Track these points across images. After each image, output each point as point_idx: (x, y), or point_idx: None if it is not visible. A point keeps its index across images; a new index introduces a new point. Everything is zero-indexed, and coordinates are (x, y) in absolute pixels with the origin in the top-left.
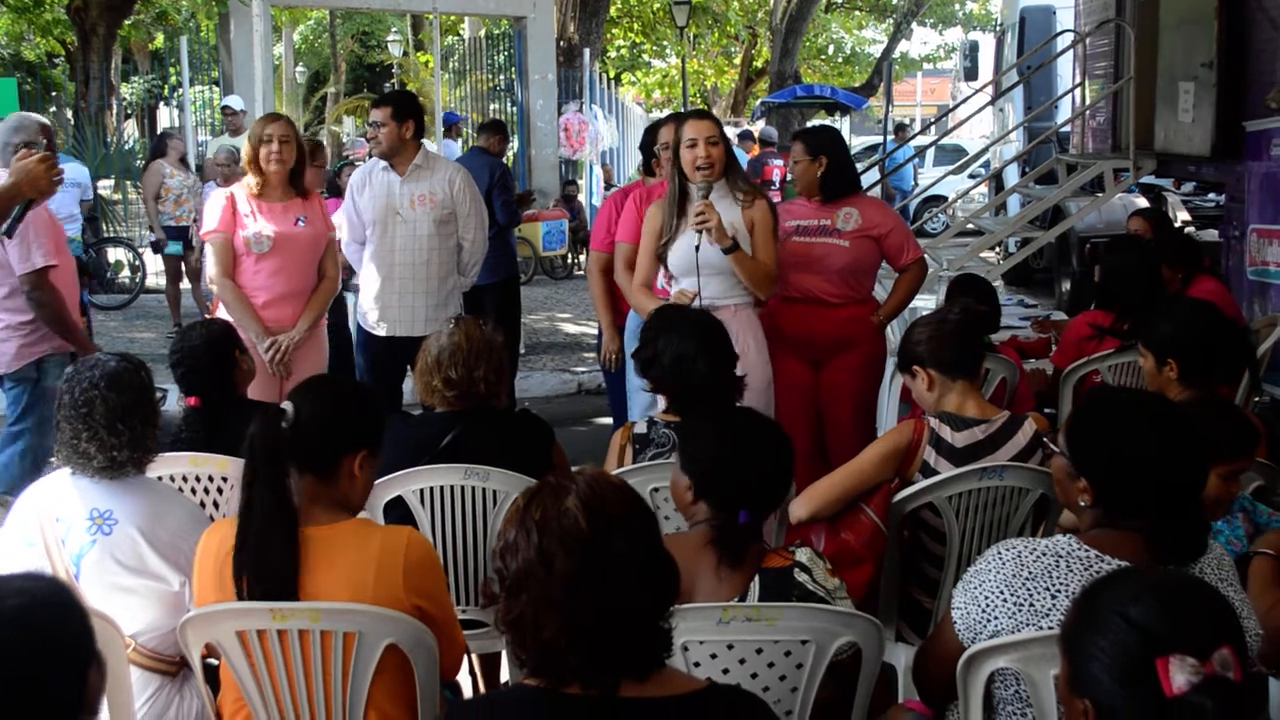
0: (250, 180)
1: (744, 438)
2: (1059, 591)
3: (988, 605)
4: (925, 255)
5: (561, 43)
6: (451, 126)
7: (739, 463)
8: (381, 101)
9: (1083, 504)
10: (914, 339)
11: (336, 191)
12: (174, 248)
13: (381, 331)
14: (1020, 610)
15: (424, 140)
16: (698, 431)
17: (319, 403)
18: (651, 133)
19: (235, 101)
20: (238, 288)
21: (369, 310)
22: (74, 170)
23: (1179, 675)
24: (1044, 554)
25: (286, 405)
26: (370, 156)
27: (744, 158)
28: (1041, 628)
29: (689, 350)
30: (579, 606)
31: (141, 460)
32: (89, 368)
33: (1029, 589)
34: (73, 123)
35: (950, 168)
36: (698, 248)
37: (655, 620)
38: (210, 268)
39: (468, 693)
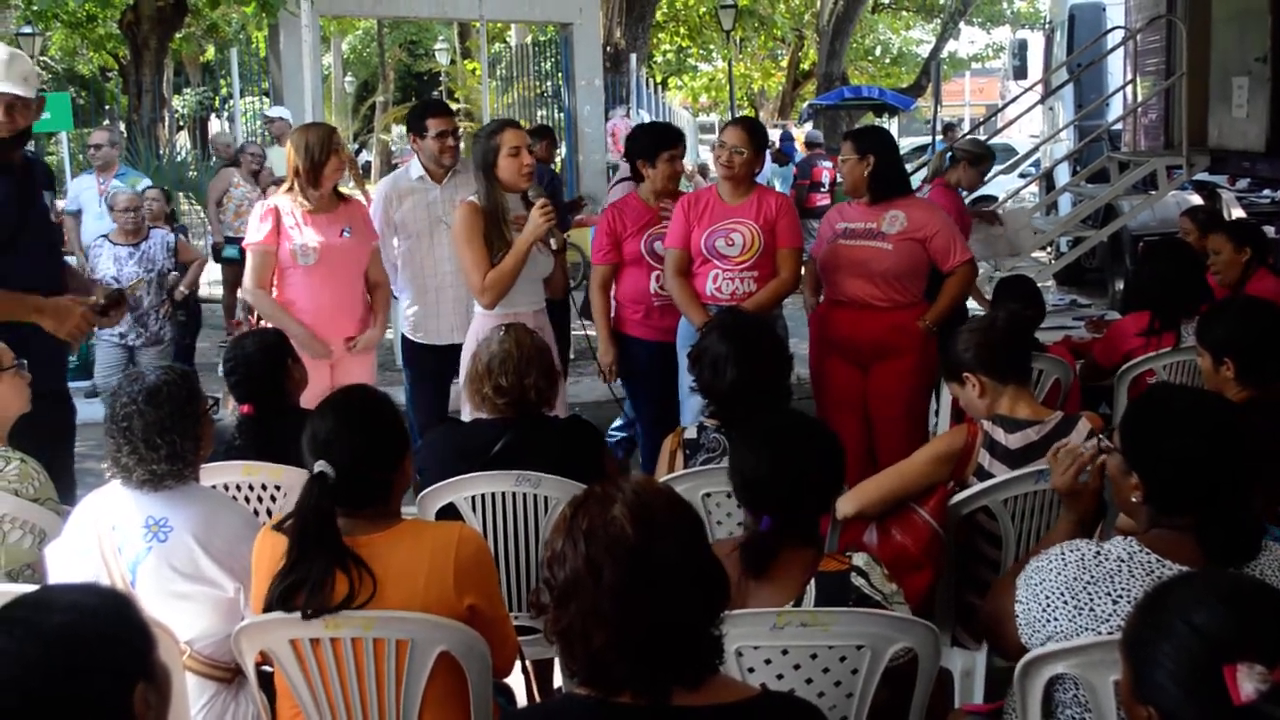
0: (299, 193)
1: (775, 442)
2: (1120, 597)
3: (1048, 605)
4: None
5: (608, 48)
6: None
7: (763, 468)
8: (448, 111)
9: (1134, 500)
10: (961, 346)
11: None
12: (231, 252)
13: (435, 341)
14: (1080, 614)
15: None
16: (739, 438)
17: (353, 448)
18: (634, 140)
19: (273, 110)
20: (271, 297)
21: (421, 321)
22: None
23: (1247, 683)
24: (1107, 558)
25: (324, 467)
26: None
27: (795, 156)
28: (1101, 633)
29: (722, 354)
30: (628, 616)
31: (181, 473)
32: (130, 381)
33: (1090, 594)
34: (125, 136)
35: (1000, 167)
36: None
37: (706, 628)
38: (246, 278)
39: (521, 698)
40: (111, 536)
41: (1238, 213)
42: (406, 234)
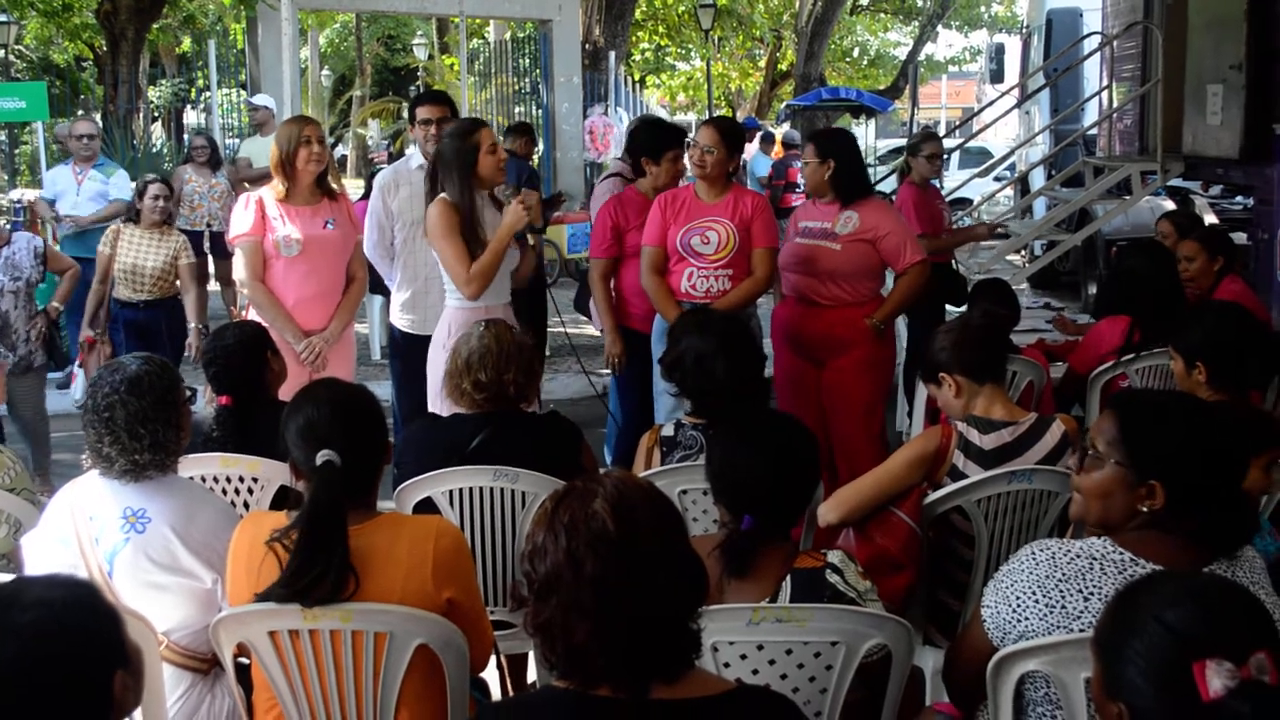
0: (278, 185)
1: (759, 442)
2: (1091, 594)
3: (1019, 605)
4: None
5: (587, 45)
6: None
7: (748, 468)
8: (440, 100)
9: (1145, 509)
10: (937, 346)
11: None
12: None
13: (423, 331)
14: (1051, 612)
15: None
16: (717, 435)
17: (351, 438)
18: (638, 136)
19: (258, 98)
20: (269, 290)
21: (412, 311)
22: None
23: (1216, 679)
24: (1078, 556)
25: (330, 455)
26: (390, 160)
27: (766, 160)
28: (1072, 630)
29: (709, 352)
30: (608, 609)
31: (163, 463)
32: (111, 372)
33: (1061, 591)
34: (101, 126)
35: (976, 170)
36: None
37: (684, 622)
38: (240, 271)
39: (496, 692)
40: (89, 527)
41: (1210, 219)
42: (402, 222)
